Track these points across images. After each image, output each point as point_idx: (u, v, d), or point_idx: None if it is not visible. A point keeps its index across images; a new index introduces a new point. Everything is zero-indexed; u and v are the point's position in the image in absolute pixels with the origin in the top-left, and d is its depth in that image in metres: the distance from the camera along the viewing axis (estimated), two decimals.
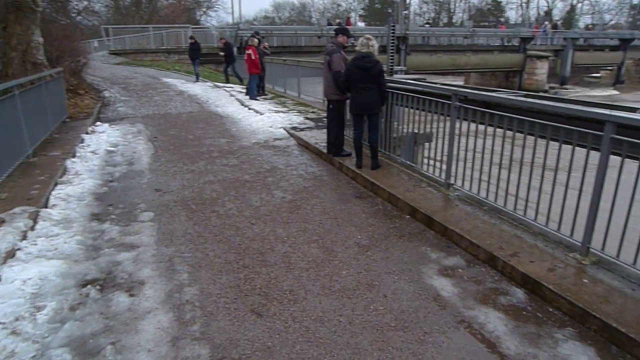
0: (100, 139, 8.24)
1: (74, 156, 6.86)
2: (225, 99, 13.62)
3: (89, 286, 3.42)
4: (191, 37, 18.40)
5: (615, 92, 34.72)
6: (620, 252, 3.40)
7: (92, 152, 7.37)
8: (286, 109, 11.69)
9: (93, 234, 4.37)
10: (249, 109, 11.70)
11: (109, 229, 4.49)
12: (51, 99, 8.43)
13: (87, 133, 8.54)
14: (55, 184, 5.56)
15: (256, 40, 13.20)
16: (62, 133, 8.39)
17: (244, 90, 14.25)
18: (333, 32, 6.73)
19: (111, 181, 6.05)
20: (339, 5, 77.52)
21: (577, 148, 3.70)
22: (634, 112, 3.78)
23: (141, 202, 5.25)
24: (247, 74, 13.57)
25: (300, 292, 3.43)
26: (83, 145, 7.62)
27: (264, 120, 10.01)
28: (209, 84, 17.42)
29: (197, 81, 17.38)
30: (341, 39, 6.43)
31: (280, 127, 9.27)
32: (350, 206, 5.18)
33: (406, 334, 2.95)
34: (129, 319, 3.09)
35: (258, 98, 13.38)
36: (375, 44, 5.89)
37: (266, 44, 15.53)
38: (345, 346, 2.83)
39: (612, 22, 61.82)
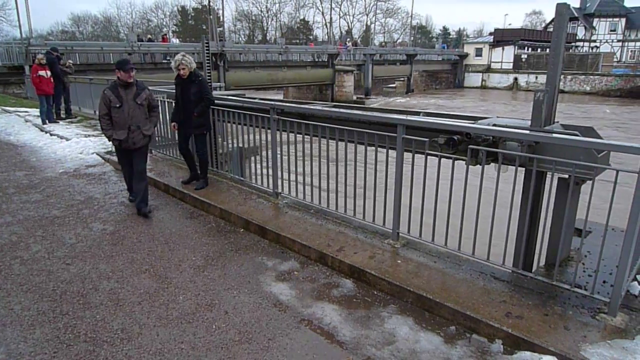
0: None
1: None
2: (19, 126, 11.70)
3: None
4: None
5: (409, 99, 40.82)
6: (422, 233, 4.01)
7: None
8: (98, 132, 10.61)
9: None
10: (52, 134, 10.27)
11: None
12: None
13: None
14: None
15: (41, 56, 11.75)
16: None
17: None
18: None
19: None
20: (149, 20, 74.02)
21: (381, 149, 4.24)
22: (418, 115, 4.54)
23: None
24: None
25: (134, 328, 3.16)
26: None
27: (72, 146, 8.90)
28: None
29: None
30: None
31: (93, 153, 8.37)
32: (181, 228, 4.98)
33: (251, 345, 2.97)
34: None
35: (60, 122, 11.87)
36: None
37: (70, 61, 13.89)
38: None
39: (400, 40, 72.88)
